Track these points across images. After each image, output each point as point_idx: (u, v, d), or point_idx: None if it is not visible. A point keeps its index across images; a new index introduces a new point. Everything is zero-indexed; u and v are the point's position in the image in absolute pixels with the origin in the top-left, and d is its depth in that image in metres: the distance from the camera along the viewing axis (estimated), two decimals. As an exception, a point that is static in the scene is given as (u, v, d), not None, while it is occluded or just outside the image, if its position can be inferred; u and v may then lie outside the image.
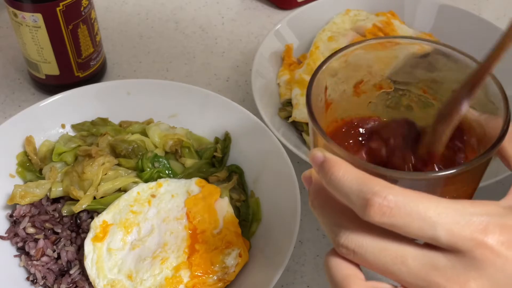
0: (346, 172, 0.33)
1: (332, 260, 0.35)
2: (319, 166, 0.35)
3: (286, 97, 0.76)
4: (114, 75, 0.84)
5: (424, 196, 0.32)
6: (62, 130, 0.70)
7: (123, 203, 0.61)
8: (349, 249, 0.34)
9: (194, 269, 0.57)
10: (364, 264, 0.34)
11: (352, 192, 0.33)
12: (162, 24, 0.93)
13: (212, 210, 0.61)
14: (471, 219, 0.31)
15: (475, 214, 0.31)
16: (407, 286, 0.33)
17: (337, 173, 0.33)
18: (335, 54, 0.42)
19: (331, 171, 0.34)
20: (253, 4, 0.97)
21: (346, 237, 0.34)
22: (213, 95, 0.70)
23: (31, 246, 0.60)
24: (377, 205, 0.31)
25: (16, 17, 0.70)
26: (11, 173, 0.66)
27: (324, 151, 0.35)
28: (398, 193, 0.32)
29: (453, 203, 0.32)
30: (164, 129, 0.69)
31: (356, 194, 0.32)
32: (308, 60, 0.78)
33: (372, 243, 0.33)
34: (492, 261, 0.31)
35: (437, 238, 0.31)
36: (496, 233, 0.31)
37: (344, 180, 0.33)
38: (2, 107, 0.80)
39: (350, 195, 0.33)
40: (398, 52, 0.44)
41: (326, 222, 0.36)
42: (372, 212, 0.32)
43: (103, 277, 0.57)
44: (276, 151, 0.64)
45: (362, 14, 0.84)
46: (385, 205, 0.31)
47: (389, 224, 0.32)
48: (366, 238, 0.33)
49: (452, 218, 0.31)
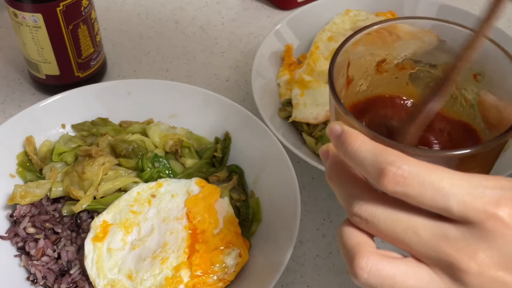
0: (363, 143, 0.34)
1: (345, 229, 0.36)
2: (336, 138, 0.35)
3: (286, 97, 0.76)
4: (114, 75, 0.84)
5: (438, 168, 0.32)
6: (62, 130, 0.70)
7: (123, 203, 0.61)
8: (362, 218, 0.35)
9: (194, 269, 0.57)
10: (376, 233, 0.35)
11: (367, 162, 0.33)
12: (162, 24, 0.93)
13: (212, 210, 0.61)
14: (484, 192, 0.32)
15: (488, 187, 0.32)
16: (417, 256, 0.34)
17: (354, 143, 0.34)
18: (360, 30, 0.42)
19: (348, 141, 0.34)
20: (253, 4, 0.97)
21: (360, 207, 0.35)
22: (213, 95, 0.70)
23: (31, 246, 0.60)
24: (392, 174, 0.32)
25: (16, 17, 0.70)
26: (11, 173, 0.66)
27: (342, 124, 0.36)
28: (412, 164, 0.32)
29: (467, 176, 0.32)
30: (164, 129, 0.69)
31: (372, 163, 0.33)
32: (308, 60, 0.78)
33: (385, 213, 0.34)
34: (502, 233, 0.31)
35: (449, 208, 0.32)
36: (508, 205, 0.31)
37: (360, 150, 0.34)
38: (2, 107, 0.80)
39: (366, 164, 0.33)
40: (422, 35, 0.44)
41: (342, 193, 0.36)
42: (386, 181, 0.32)
43: (103, 277, 0.57)
44: (276, 151, 0.64)
45: (362, 14, 0.84)
46: (399, 174, 0.32)
47: (402, 194, 0.32)
48: (379, 208, 0.34)
49: (465, 189, 0.32)
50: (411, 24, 0.44)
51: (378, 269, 0.34)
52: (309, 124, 0.72)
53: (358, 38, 0.42)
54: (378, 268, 0.34)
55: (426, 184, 0.32)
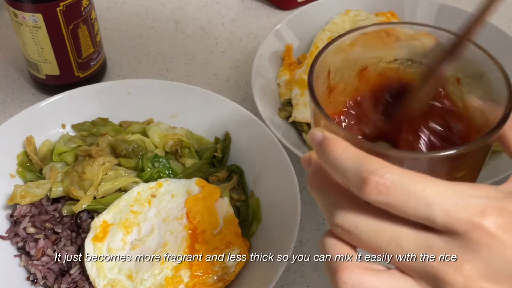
0: (344, 150, 0.33)
1: (327, 240, 0.35)
2: (318, 145, 0.34)
3: (286, 97, 0.76)
4: (114, 75, 0.84)
5: (422, 176, 0.31)
6: (62, 130, 0.70)
7: (123, 203, 0.61)
8: (344, 229, 0.34)
9: (194, 269, 0.57)
10: (359, 244, 0.34)
11: (349, 170, 0.32)
12: (162, 24, 0.93)
13: (212, 210, 0.61)
14: (469, 201, 0.31)
15: (473, 196, 0.31)
16: (401, 267, 0.33)
17: (335, 151, 0.33)
18: (338, 38, 0.41)
19: (329, 148, 0.33)
20: (253, 4, 0.97)
21: (341, 217, 0.34)
22: (213, 95, 0.70)
23: (31, 246, 0.60)
24: (374, 183, 0.31)
25: (16, 17, 0.70)
26: (11, 173, 0.66)
27: (323, 131, 0.35)
28: (395, 172, 0.31)
29: (452, 185, 0.31)
30: (164, 129, 0.69)
31: (354, 172, 0.32)
32: (308, 60, 0.78)
33: (367, 223, 0.33)
34: (488, 244, 0.30)
35: (433, 218, 0.31)
36: (494, 216, 0.30)
37: (342, 158, 0.33)
38: (2, 107, 0.80)
39: (348, 173, 0.32)
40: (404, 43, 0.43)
41: (324, 202, 0.36)
42: (368, 190, 0.31)
43: (103, 277, 0.57)
44: (276, 151, 0.64)
45: (362, 14, 0.84)
46: (382, 183, 0.31)
47: (385, 203, 0.31)
48: (361, 218, 0.33)
49: (450, 199, 0.31)
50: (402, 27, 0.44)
51: (361, 282, 0.33)
52: (309, 124, 0.72)
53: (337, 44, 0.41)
54: (361, 281, 0.33)
55: (409, 193, 0.31)
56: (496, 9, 0.36)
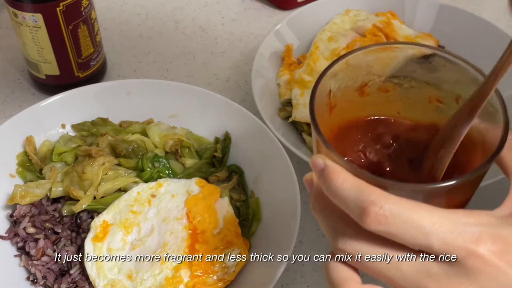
0: (345, 180, 0.34)
1: (331, 263, 0.36)
2: (319, 173, 0.36)
3: (286, 97, 0.76)
4: (114, 75, 0.84)
5: (419, 206, 0.33)
6: (62, 130, 0.70)
7: (123, 203, 0.61)
8: (346, 253, 0.35)
9: (194, 269, 0.57)
10: (361, 267, 0.35)
11: (350, 200, 0.34)
12: (162, 24, 0.93)
13: (212, 210, 0.61)
14: (464, 229, 0.32)
15: (468, 224, 0.33)
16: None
17: (336, 180, 0.35)
18: (336, 61, 0.42)
19: (330, 178, 0.35)
20: (253, 4, 0.97)
21: (344, 242, 0.35)
22: (213, 95, 0.70)
23: (31, 246, 0.60)
24: (374, 213, 0.33)
25: (16, 17, 0.70)
26: (11, 173, 0.66)
27: (324, 158, 0.36)
28: (394, 203, 0.33)
29: (448, 213, 0.33)
30: (164, 129, 0.69)
31: (354, 202, 0.34)
32: (308, 60, 0.78)
33: (369, 249, 0.34)
34: (483, 270, 0.32)
35: (431, 246, 0.32)
36: (488, 243, 0.32)
37: (342, 187, 0.34)
38: (2, 107, 0.80)
39: (348, 202, 0.34)
40: (398, 53, 0.44)
41: (326, 226, 0.37)
42: (368, 220, 0.33)
43: (103, 277, 0.57)
44: (276, 151, 0.64)
45: (362, 14, 0.84)
46: (381, 214, 0.32)
47: (385, 232, 0.33)
48: (363, 244, 0.35)
49: (446, 228, 0.32)
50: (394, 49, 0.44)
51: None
52: (309, 124, 0.72)
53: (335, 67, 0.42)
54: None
55: (408, 223, 0.32)
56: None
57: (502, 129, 0.38)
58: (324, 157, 0.36)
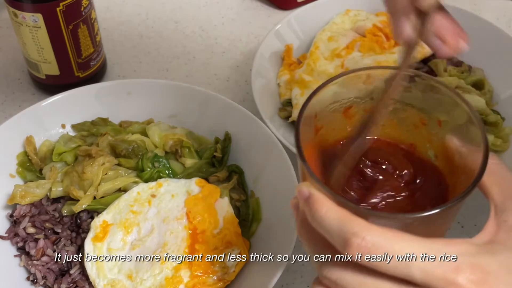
0: (328, 210, 0.36)
1: None
2: (304, 201, 0.37)
3: (286, 97, 0.76)
4: (114, 75, 0.84)
5: (400, 236, 0.34)
6: (62, 130, 0.70)
7: (123, 203, 0.61)
8: (331, 280, 0.36)
9: (194, 269, 0.57)
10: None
11: (333, 231, 0.35)
12: (162, 24, 0.93)
13: (212, 210, 0.61)
14: (443, 259, 0.33)
15: (448, 253, 0.34)
16: None
17: (320, 210, 0.36)
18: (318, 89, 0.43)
19: (314, 207, 0.36)
20: (253, 4, 0.97)
21: (328, 270, 0.36)
22: (213, 95, 0.70)
23: (31, 246, 0.60)
24: (356, 245, 0.34)
25: (16, 17, 0.70)
26: (11, 173, 0.66)
27: (309, 186, 0.37)
28: (375, 234, 0.34)
29: (428, 243, 0.34)
30: (164, 129, 0.69)
31: (337, 233, 0.35)
32: (308, 60, 0.78)
33: (352, 277, 0.36)
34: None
35: (412, 276, 0.34)
36: (467, 272, 0.33)
37: (326, 218, 0.35)
38: (2, 107, 0.80)
39: (332, 233, 0.35)
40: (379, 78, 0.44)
41: (312, 252, 0.38)
42: (351, 251, 0.34)
43: (103, 277, 0.57)
44: (276, 151, 0.64)
45: (362, 14, 0.84)
46: (363, 245, 0.34)
47: (368, 263, 0.34)
48: (346, 272, 0.36)
49: (426, 258, 0.33)
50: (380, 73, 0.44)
51: None
52: (309, 124, 0.72)
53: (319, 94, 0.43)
54: None
55: (389, 254, 0.33)
56: None
57: (483, 154, 0.38)
58: (309, 185, 0.37)
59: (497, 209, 0.38)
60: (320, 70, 0.77)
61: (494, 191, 0.39)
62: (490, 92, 0.74)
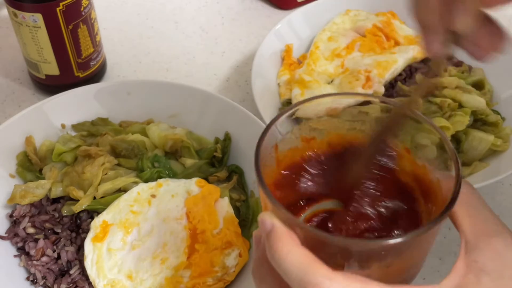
0: (290, 252, 0.33)
1: None
2: (266, 235, 0.34)
3: (286, 97, 0.76)
4: (114, 75, 0.84)
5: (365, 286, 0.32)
6: (62, 130, 0.70)
7: (123, 203, 0.61)
8: None
9: (194, 269, 0.57)
10: None
11: (293, 278, 0.33)
12: (162, 24, 0.93)
13: (212, 210, 0.61)
14: None
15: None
16: None
17: (281, 250, 0.33)
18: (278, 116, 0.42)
19: (276, 245, 0.34)
20: (253, 4, 0.97)
21: None
22: (213, 95, 0.70)
23: (31, 246, 0.60)
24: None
25: (16, 17, 0.70)
26: (11, 173, 0.66)
27: (273, 217, 0.35)
28: (339, 285, 0.32)
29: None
30: (164, 129, 0.69)
31: (297, 281, 0.32)
32: (308, 60, 0.78)
33: None
34: None
35: None
36: None
37: (287, 260, 0.33)
38: (2, 107, 0.80)
39: (291, 278, 0.33)
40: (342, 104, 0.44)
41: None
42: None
43: (103, 277, 0.57)
44: (276, 151, 0.64)
45: (362, 14, 0.84)
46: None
47: None
48: None
49: None
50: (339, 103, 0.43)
51: None
52: (309, 124, 0.72)
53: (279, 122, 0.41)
54: None
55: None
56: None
57: (454, 183, 0.36)
58: (272, 216, 0.35)
59: (467, 246, 0.36)
60: (320, 70, 0.77)
61: (466, 225, 0.37)
62: (490, 92, 0.75)
